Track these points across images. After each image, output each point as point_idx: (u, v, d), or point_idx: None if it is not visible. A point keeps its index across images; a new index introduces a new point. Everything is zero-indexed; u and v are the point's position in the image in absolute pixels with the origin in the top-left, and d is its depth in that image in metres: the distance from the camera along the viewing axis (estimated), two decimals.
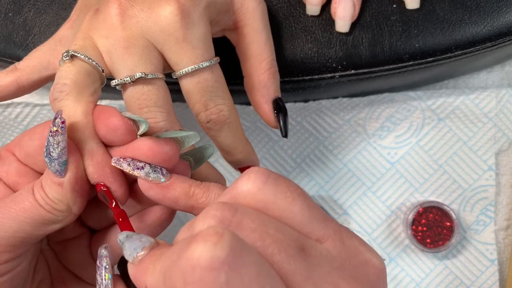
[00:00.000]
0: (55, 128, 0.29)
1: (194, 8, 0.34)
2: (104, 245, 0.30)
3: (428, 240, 0.52)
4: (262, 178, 0.26)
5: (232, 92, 0.36)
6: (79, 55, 0.33)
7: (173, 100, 0.35)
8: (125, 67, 0.33)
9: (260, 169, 0.27)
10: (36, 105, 0.52)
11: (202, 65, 0.34)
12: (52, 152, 0.29)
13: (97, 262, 0.29)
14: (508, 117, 0.52)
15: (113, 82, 0.33)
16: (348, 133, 0.53)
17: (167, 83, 0.34)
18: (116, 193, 0.31)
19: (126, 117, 0.31)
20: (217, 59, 0.35)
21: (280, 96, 0.39)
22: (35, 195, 0.30)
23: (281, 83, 0.40)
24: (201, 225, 0.25)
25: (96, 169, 0.31)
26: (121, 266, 0.32)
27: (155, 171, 0.31)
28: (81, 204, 0.31)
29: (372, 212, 0.53)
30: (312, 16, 0.45)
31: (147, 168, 0.31)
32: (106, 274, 0.29)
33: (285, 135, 0.38)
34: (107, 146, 0.32)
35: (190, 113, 0.47)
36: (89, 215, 0.35)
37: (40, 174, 0.33)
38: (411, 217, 0.51)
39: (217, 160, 0.53)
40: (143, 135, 0.31)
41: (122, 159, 0.31)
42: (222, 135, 0.36)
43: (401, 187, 0.53)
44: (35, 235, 0.31)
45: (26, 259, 0.32)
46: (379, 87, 0.50)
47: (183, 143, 0.32)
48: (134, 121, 0.31)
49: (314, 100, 0.52)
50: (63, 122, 0.29)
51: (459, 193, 0.53)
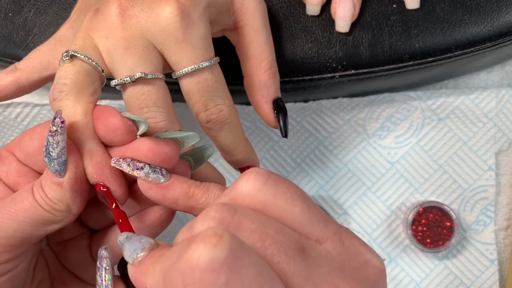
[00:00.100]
0: (54, 128, 0.29)
1: (194, 8, 0.34)
2: (104, 246, 0.30)
3: (428, 240, 0.51)
4: (262, 179, 0.26)
5: (232, 92, 0.36)
6: (79, 55, 0.33)
7: (173, 100, 0.35)
8: (125, 67, 0.33)
9: (260, 170, 0.26)
10: (36, 105, 0.52)
11: (202, 65, 0.34)
12: (52, 152, 0.29)
13: (97, 263, 0.29)
14: (508, 117, 0.52)
15: (113, 82, 0.33)
16: (348, 133, 0.53)
17: (167, 83, 0.34)
18: (115, 193, 0.31)
19: (126, 117, 0.31)
20: (217, 59, 0.35)
21: (280, 96, 0.39)
22: (34, 195, 0.30)
23: (281, 83, 0.40)
24: (200, 226, 0.25)
25: (96, 169, 0.31)
26: (121, 267, 0.32)
27: (154, 171, 0.31)
28: (80, 204, 0.31)
29: (372, 212, 0.53)
30: (312, 16, 0.45)
31: (147, 168, 0.31)
32: (106, 275, 0.29)
33: (285, 135, 0.38)
34: (107, 146, 0.32)
35: (190, 113, 0.47)
36: (89, 215, 0.35)
37: (40, 174, 0.33)
38: (411, 217, 0.51)
39: (217, 160, 0.53)
40: (142, 135, 0.31)
41: (121, 160, 0.31)
42: (222, 135, 0.36)
43: (401, 187, 0.53)
44: (34, 235, 0.31)
45: (25, 259, 0.32)
46: (379, 87, 0.50)
47: (183, 143, 0.32)
48: (133, 121, 0.31)
49: (314, 100, 0.52)
50: (62, 122, 0.29)
51: (459, 193, 0.53)
